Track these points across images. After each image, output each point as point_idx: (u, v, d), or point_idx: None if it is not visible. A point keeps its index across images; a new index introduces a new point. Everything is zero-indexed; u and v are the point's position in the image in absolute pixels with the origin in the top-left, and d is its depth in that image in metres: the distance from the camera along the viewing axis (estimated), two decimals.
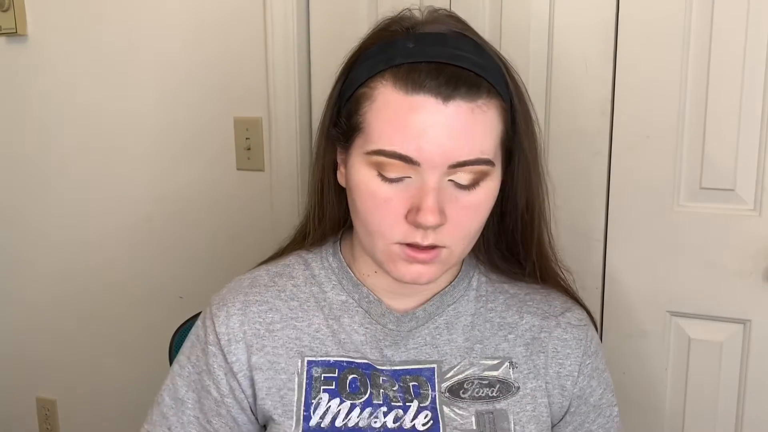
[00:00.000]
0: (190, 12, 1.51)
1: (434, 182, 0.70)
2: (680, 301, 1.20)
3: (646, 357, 1.23)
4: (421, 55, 0.71)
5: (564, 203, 1.25)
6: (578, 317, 0.86)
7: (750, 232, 1.14)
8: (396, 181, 0.71)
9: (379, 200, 0.72)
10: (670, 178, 1.18)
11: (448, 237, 0.73)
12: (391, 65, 0.72)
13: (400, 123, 0.70)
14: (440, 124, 0.69)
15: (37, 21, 1.67)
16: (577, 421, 0.84)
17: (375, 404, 0.79)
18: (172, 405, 0.84)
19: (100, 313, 1.76)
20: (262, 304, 0.83)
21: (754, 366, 1.18)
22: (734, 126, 1.12)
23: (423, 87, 0.69)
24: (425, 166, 0.70)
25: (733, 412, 1.20)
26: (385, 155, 0.70)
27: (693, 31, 1.13)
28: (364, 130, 0.73)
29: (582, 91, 1.21)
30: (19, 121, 1.75)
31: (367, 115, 0.73)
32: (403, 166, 0.70)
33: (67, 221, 1.75)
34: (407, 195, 0.71)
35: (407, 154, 0.69)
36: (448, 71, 0.70)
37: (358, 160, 0.74)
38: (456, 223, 0.72)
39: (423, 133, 0.69)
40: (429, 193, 0.70)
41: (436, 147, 0.69)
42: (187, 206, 1.60)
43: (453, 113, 0.69)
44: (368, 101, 0.73)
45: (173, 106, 1.57)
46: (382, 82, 0.72)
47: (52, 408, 1.89)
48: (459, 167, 0.71)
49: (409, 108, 0.69)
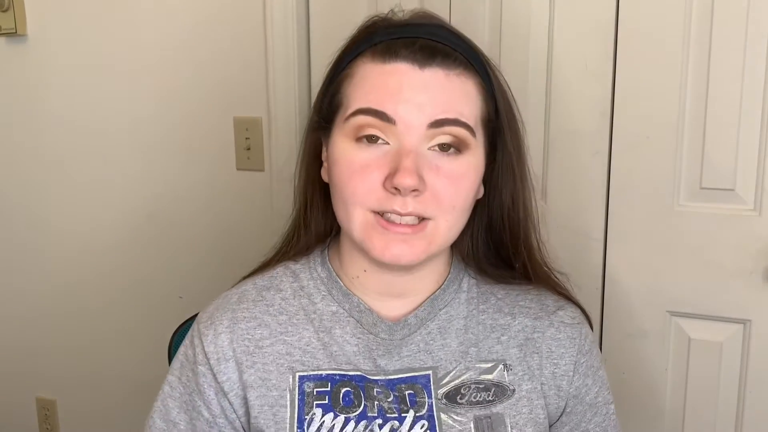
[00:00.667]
0: (190, 12, 1.51)
1: (412, 145, 0.70)
2: (680, 301, 1.20)
3: (646, 357, 1.23)
4: (399, 33, 0.73)
5: (564, 203, 1.25)
6: (571, 315, 0.84)
7: (750, 232, 1.14)
8: (373, 146, 0.71)
9: (356, 167, 0.71)
10: (670, 178, 1.18)
11: (430, 207, 0.71)
12: (370, 45, 0.74)
13: (377, 84, 0.71)
14: (416, 85, 0.70)
15: (37, 21, 1.67)
16: (573, 421, 0.84)
17: (370, 417, 0.77)
18: (164, 428, 0.81)
19: (100, 313, 1.76)
20: (250, 320, 0.80)
21: (754, 366, 1.18)
22: (734, 126, 1.12)
23: (399, 55, 0.71)
24: (401, 126, 0.70)
25: (733, 412, 1.20)
26: (362, 113, 0.71)
27: (693, 31, 1.13)
28: (343, 103, 0.74)
29: (582, 91, 1.21)
30: (19, 120, 1.75)
31: (346, 90, 0.74)
32: (381, 125, 0.70)
33: (66, 221, 1.75)
34: (385, 161, 0.70)
35: (383, 110, 0.70)
36: (423, 42, 0.72)
37: (338, 133, 0.74)
38: (437, 192, 0.71)
39: (399, 92, 0.70)
40: (406, 155, 0.69)
41: (412, 105, 0.70)
42: (187, 206, 1.60)
43: (429, 77, 0.70)
44: (348, 79, 0.74)
45: (173, 106, 1.57)
46: (361, 60, 0.74)
47: (52, 408, 1.89)
48: (438, 127, 0.70)
49: (385, 73, 0.71)
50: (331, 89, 0.77)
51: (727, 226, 1.16)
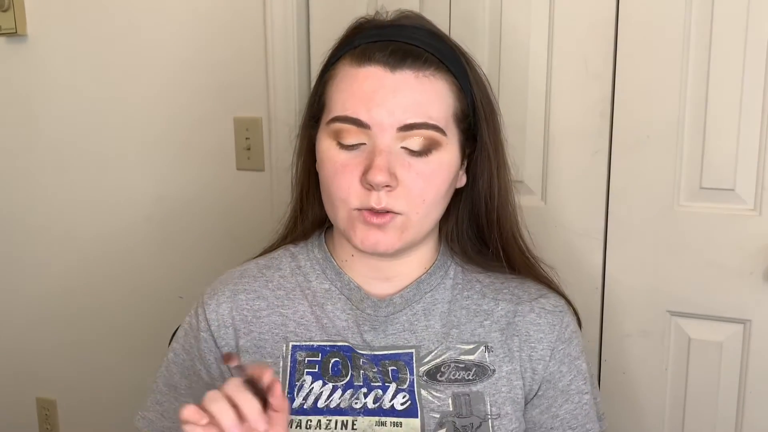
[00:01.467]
0: (190, 12, 1.51)
1: (384, 145, 0.75)
2: (680, 301, 1.20)
3: (646, 357, 1.23)
4: (377, 37, 0.79)
5: (564, 203, 1.25)
6: (553, 303, 0.88)
7: (750, 232, 1.14)
8: (352, 148, 0.77)
9: (338, 167, 0.77)
10: (670, 178, 1.18)
11: (402, 201, 0.76)
12: (350, 48, 0.79)
13: (352, 90, 0.77)
14: (387, 88, 0.75)
15: (37, 21, 1.67)
16: (544, 404, 0.86)
17: (356, 386, 0.82)
18: (165, 391, 0.90)
19: (100, 313, 1.76)
20: (250, 293, 0.87)
21: (754, 366, 1.18)
22: (734, 126, 1.12)
23: (372, 59, 0.76)
24: (375, 129, 0.75)
25: (733, 412, 1.20)
26: (339, 121, 0.77)
27: (693, 31, 1.13)
28: (326, 105, 0.80)
29: (582, 91, 1.21)
30: (18, 120, 1.75)
31: (329, 92, 0.80)
32: (357, 130, 0.76)
33: (66, 221, 1.75)
34: (361, 160, 0.76)
35: (358, 117, 0.75)
36: (397, 45, 0.77)
37: (322, 133, 0.80)
38: (408, 188, 0.76)
39: (371, 97, 0.75)
40: (379, 154, 0.75)
41: (383, 109, 0.75)
42: (187, 206, 1.60)
43: (400, 79, 0.76)
44: (330, 81, 0.80)
45: (173, 106, 1.57)
46: (340, 63, 0.80)
47: (52, 408, 1.89)
48: (408, 130, 0.76)
49: (359, 77, 0.77)
50: (319, 89, 0.83)
51: (727, 226, 1.16)
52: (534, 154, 1.26)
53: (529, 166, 1.27)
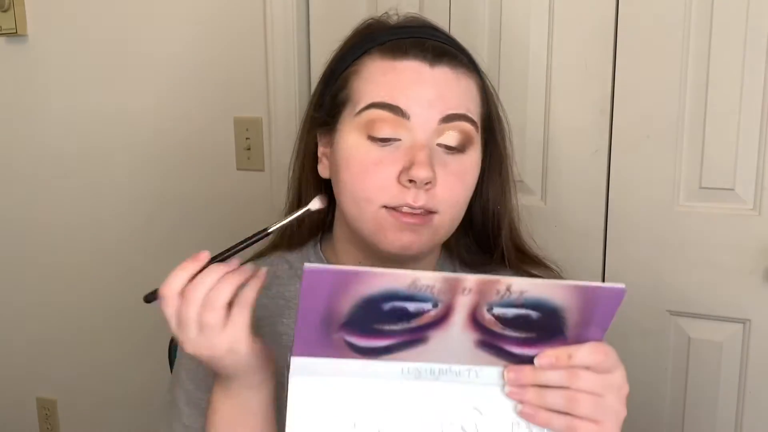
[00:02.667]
0: (190, 12, 1.51)
1: (425, 139, 0.72)
2: (680, 301, 1.20)
3: (646, 357, 1.23)
4: (404, 33, 0.75)
5: (564, 203, 1.25)
6: None
7: (750, 232, 1.14)
8: (385, 143, 0.72)
9: (369, 164, 0.72)
10: (670, 177, 1.17)
11: (438, 200, 0.73)
12: (376, 44, 0.75)
13: (387, 80, 0.72)
14: (428, 82, 0.72)
15: (37, 21, 1.67)
16: None
17: None
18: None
19: (100, 313, 1.76)
20: None
21: (754, 366, 1.18)
22: (734, 126, 1.12)
23: (409, 53, 0.73)
24: (415, 120, 0.71)
25: (733, 412, 1.20)
26: (375, 107, 0.72)
27: (693, 31, 1.13)
28: (352, 98, 0.75)
29: (582, 91, 1.21)
30: (18, 120, 1.75)
31: (354, 85, 0.75)
32: (393, 120, 0.71)
33: (66, 221, 1.75)
34: (398, 156, 0.71)
35: (397, 104, 0.71)
36: (432, 43, 0.74)
37: (347, 128, 0.74)
38: (445, 187, 0.73)
39: (412, 87, 0.72)
40: (421, 149, 0.71)
41: (425, 99, 0.71)
42: (188, 206, 1.60)
43: (439, 74, 0.73)
44: (355, 75, 0.75)
45: (173, 106, 1.57)
46: (368, 57, 0.75)
47: (52, 408, 1.89)
48: (448, 122, 0.72)
49: (396, 69, 0.73)
50: (334, 86, 0.78)
51: (727, 226, 1.16)
52: (534, 154, 1.26)
53: (529, 166, 1.26)
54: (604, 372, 0.59)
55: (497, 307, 0.55)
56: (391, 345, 0.57)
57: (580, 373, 0.58)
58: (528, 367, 0.59)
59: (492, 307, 0.55)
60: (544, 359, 0.58)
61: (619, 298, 0.56)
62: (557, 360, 0.58)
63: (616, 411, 0.60)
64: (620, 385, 0.60)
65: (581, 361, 0.58)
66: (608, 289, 0.55)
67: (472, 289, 0.54)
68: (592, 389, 0.58)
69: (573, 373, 0.58)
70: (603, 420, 0.59)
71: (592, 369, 0.58)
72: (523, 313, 0.55)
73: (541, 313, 0.55)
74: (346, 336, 0.56)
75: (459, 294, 0.54)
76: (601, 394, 0.59)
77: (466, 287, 0.53)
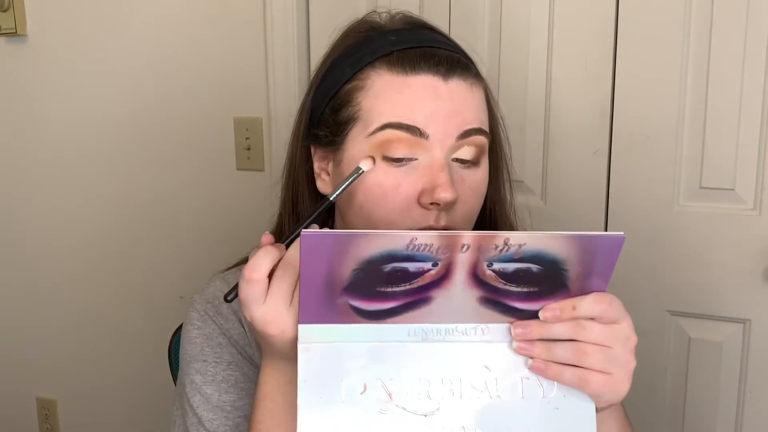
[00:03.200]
0: (191, 12, 1.51)
1: (443, 158, 0.69)
2: (680, 300, 1.20)
3: (646, 357, 1.23)
4: (408, 43, 0.71)
5: (563, 203, 1.25)
6: None
7: (750, 232, 1.14)
8: (402, 165, 0.69)
9: (387, 188, 0.69)
10: (669, 177, 1.18)
11: (458, 218, 0.71)
12: (380, 55, 0.71)
13: (404, 98, 0.69)
14: (444, 98, 0.69)
15: (37, 21, 1.67)
16: None
17: None
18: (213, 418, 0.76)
19: (100, 313, 1.76)
20: None
21: (754, 366, 1.18)
22: (734, 126, 1.12)
23: (421, 68, 0.69)
24: (433, 139, 0.68)
25: (733, 412, 1.20)
26: (392, 127, 0.68)
27: (693, 31, 1.13)
28: (361, 117, 0.71)
29: (582, 91, 1.21)
30: (18, 120, 1.75)
31: (363, 103, 0.71)
32: (411, 140, 0.68)
33: (66, 220, 1.75)
34: (416, 177, 0.69)
35: (415, 125, 0.68)
36: (442, 53, 0.71)
37: (358, 148, 0.71)
38: (463, 203, 0.71)
39: (429, 105, 0.68)
40: (442, 169, 0.68)
41: (443, 117, 0.68)
42: (187, 206, 1.60)
43: (455, 89, 0.70)
44: (361, 91, 0.71)
45: (173, 106, 1.57)
46: (374, 71, 0.71)
47: (52, 408, 1.89)
48: (465, 138, 0.70)
49: (411, 86, 0.69)
50: (334, 101, 0.74)
51: (727, 226, 1.16)
52: (534, 154, 1.26)
53: (529, 166, 1.26)
54: (610, 323, 0.59)
55: (497, 263, 0.55)
56: (396, 307, 0.57)
57: (587, 324, 0.58)
58: (534, 322, 0.59)
59: (492, 262, 0.55)
60: (548, 312, 0.58)
61: (618, 245, 0.56)
62: (562, 312, 0.58)
63: (625, 361, 0.60)
64: (628, 335, 0.60)
65: (586, 311, 0.58)
66: (606, 237, 0.56)
67: (470, 246, 0.54)
68: (600, 340, 0.58)
69: (579, 324, 0.58)
70: (613, 371, 0.59)
71: (598, 320, 0.58)
72: (524, 267, 0.56)
73: (541, 266, 0.56)
74: (350, 300, 0.56)
75: (457, 251, 0.54)
76: (609, 345, 0.59)
77: (464, 244, 0.54)
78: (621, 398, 0.61)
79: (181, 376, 0.80)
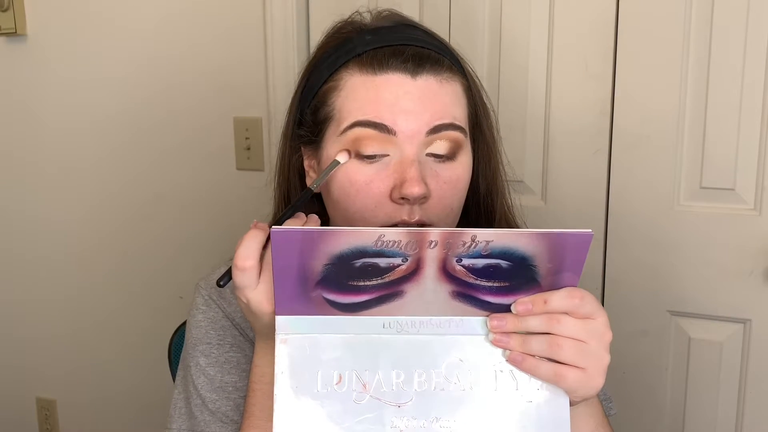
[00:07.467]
0: (191, 12, 1.51)
1: (414, 153, 0.70)
2: (680, 300, 1.20)
3: (646, 357, 1.23)
4: (380, 42, 0.73)
5: (564, 203, 1.25)
6: None
7: (750, 232, 1.14)
8: (374, 160, 0.70)
9: (360, 184, 0.71)
10: (670, 177, 1.18)
11: (432, 213, 0.72)
12: (353, 56, 0.73)
13: (370, 97, 0.71)
14: (412, 94, 0.70)
15: (37, 21, 1.67)
16: None
17: None
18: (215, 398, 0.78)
19: (100, 313, 1.76)
20: None
21: (754, 366, 1.18)
22: (734, 126, 1.12)
23: (389, 66, 0.71)
24: (402, 135, 0.70)
25: (733, 412, 1.20)
26: (360, 125, 0.70)
27: (693, 31, 1.13)
28: (335, 116, 0.73)
29: (582, 91, 1.21)
30: (18, 120, 1.75)
31: (336, 102, 0.73)
32: (380, 138, 0.70)
33: (66, 220, 1.75)
34: (387, 173, 0.70)
35: (383, 122, 0.69)
36: (411, 50, 0.72)
37: (332, 147, 0.73)
38: (439, 198, 0.72)
39: (396, 102, 0.70)
40: (411, 164, 0.69)
41: (410, 114, 0.70)
42: (187, 206, 1.60)
43: (423, 85, 0.71)
44: (335, 92, 0.73)
45: (174, 107, 1.57)
46: (347, 71, 0.73)
47: (52, 408, 1.89)
48: (436, 133, 0.71)
49: (379, 85, 0.71)
50: (313, 101, 0.76)
51: (727, 225, 1.16)
52: (534, 154, 1.26)
53: (529, 166, 1.27)
54: (584, 318, 0.59)
55: (466, 258, 0.56)
56: (370, 300, 0.58)
57: (561, 318, 0.59)
58: (510, 315, 0.59)
59: (461, 258, 0.56)
60: (520, 306, 0.59)
61: (586, 242, 0.57)
62: (534, 305, 0.59)
63: (600, 357, 0.60)
64: (603, 331, 0.60)
65: (557, 305, 0.59)
66: (573, 234, 0.56)
67: (438, 242, 0.55)
68: (574, 334, 0.59)
69: (554, 318, 0.59)
70: (587, 366, 0.59)
71: (572, 314, 0.59)
72: (493, 263, 0.56)
73: (510, 262, 0.56)
74: (324, 293, 0.57)
75: (426, 247, 0.55)
76: (584, 339, 0.59)
77: (431, 240, 0.54)
78: (595, 393, 0.61)
79: (185, 359, 0.82)
